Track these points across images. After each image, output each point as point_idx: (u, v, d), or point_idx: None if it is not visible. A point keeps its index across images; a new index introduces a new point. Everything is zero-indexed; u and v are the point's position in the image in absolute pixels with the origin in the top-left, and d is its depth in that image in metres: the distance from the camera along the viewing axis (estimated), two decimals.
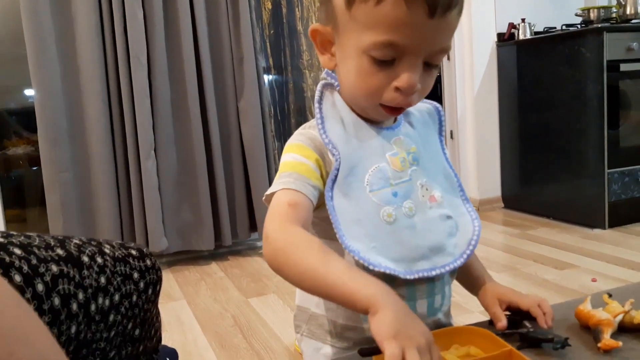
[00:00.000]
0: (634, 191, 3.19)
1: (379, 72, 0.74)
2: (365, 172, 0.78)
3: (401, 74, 0.73)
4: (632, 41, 3.07)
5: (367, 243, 0.75)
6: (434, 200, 0.81)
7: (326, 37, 0.80)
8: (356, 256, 0.73)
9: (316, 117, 0.81)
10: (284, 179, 0.76)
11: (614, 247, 2.87)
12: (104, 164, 2.87)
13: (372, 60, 0.73)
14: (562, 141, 3.34)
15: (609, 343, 0.70)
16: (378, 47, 0.71)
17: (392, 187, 0.78)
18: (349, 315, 0.81)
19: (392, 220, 0.76)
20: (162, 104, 2.95)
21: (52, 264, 0.64)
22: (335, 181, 0.77)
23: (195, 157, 3.01)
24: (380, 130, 0.82)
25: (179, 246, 3.08)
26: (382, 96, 0.76)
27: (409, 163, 0.80)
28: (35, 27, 2.71)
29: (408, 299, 0.79)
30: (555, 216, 3.48)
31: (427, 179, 0.81)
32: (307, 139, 0.81)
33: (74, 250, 0.69)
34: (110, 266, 0.71)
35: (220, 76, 3.08)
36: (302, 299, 0.89)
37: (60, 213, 2.84)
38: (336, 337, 0.84)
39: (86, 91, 2.84)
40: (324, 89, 0.84)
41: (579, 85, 3.18)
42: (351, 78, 0.78)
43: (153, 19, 2.86)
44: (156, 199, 2.93)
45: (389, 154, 0.80)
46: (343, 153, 0.77)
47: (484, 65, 3.75)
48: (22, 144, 3.56)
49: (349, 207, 0.76)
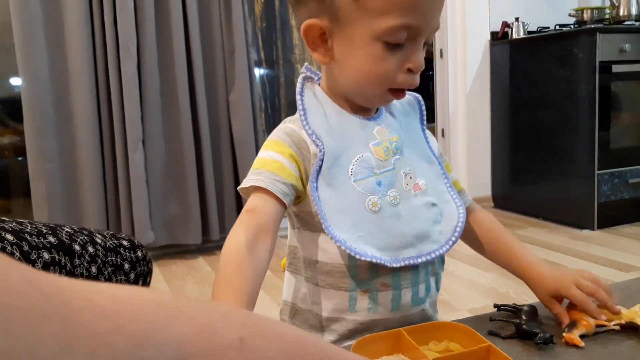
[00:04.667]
0: (624, 192, 3.20)
1: (391, 57, 0.75)
2: (349, 162, 0.79)
3: (411, 55, 0.75)
4: (625, 42, 3.08)
5: (354, 232, 0.76)
6: (418, 189, 0.81)
7: (324, 31, 0.78)
8: (342, 246, 0.74)
9: (298, 109, 0.82)
10: (256, 176, 0.76)
11: (602, 248, 2.87)
12: (90, 154, 2.83)
13: (385, 46, 0.74)
14: (553, 141, 3.35)
15: (573, 338, 0.71)
16: (394, 32, 0.73)
17: (376, 177, 0.79)
18: (334, 307, 0.81)
19: (377, 209, 0.77)
20: (151, 95, 2.91)
21: (44, 252, 0.63)
22: (319, 172, 0.78)
23: (184, 150, 2.98)
24: (362, 120, 0.83)
25: (165, 240, 3.04)
26: (395, 80, 0.77)
27: (392, 152, 0.81)
28: (24, 15, 2.66)
29: (393, 288, 0.79)
30: (545, 216, 3.48)
31: (410, 168, 0.82)
32: (284, 134, 0.81)
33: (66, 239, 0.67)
34: (102, 256, 0.69)
35: (210, 68, 3.05)
36: (288, 294, 0.90)
37: (45, 203, 2.80)
38: (321, 331, 0.84)
39: (74, 81, 2.80)
40: (305, 82, 0.85)
41: (571, 86, 3.18)
42: (359, 67, 0.77)
43: (144, 8, 2.83)
44: (143, 191, 2.89)
45: (372, 143, 0.80)
46: (327, 144, 0.78)
47: (476, 64, 3.75)
48: (7, 134, 3.51)
49: (334, 197, 0.77)
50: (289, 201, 0.77)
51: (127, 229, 2.91)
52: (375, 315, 0.80)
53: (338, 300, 0.80)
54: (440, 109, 3.86)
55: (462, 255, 2.81)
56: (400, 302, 0.80)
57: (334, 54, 0.79)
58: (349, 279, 0.79)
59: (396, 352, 0.71)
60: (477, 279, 2.48)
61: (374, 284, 0.79)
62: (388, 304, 0.79)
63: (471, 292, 2.33)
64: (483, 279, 2.47)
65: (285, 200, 0.75)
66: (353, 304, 0.80)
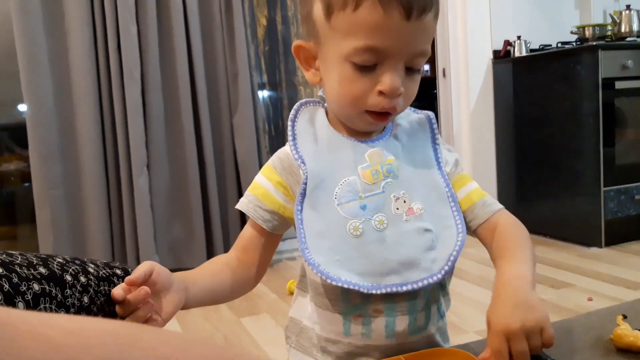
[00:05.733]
0: (630, 209, 3.18)
1: (362, 78, 0.75)
2: (335, 185, 0.79)
3: (383, 78, 0.74)
4: (627, 59, 3.08)
5: (331, 256, 0.75)
6: (412, 213, 0.78)
7: (309, 52, 0.82)
8: (314, 269, 0.74)
9: (288, 134, 0.84)
10: (245, 198, 0.86)
11: (610, 265, 2.84)
12: (95, 180, 2.84)
13: (354, 67, 0.75)
14: (558, 158, 3.34)
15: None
16: (359, 53, 0.73)
17: (360, 200, 0.78)
18: (331, 329, 0.81)
19: (359, 233, 0.76)
20: (155, 120, 2.92)
21: (34, 283, 0.62)
22: (304, 195, 0.79)
23: (189, 173, 2.99)
24: (356, 143, 0.82)
25: (170, 264, 3.03)
26: (366, 102, 0.76)
27: (382, 175, 0.79)
28: (28, 42, 2.69)
29: (386, 315, 0.78)
30: (552, 234, 3.45)
31: (405, 191, 0.79)
32: (277, 159, 0.86)
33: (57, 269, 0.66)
34: (94, 285, 0.69)
35: (214, 92, 3.07)
36: (295, 312, 0.90)
37: (50, 230, 2.80)
38: (321, 351, 0.83)
39: (78, 107, 2.82)
40: (302, 107, 0.87)
41: (575, 103, 3.18)
42: (335, 87, 0.79)
43: (147, 34, 2.85)
44: (148, 216, 2.89)
45: (360, 167, 0.80)
46: (311, 167, 0.79)
47: (479, 82, 3.75)
48: (14, 160, 3.53)
49: (317, 220, 0.78)
50: (271, 226, 0.84)
51: (132, 253, 2.91)
52: (370, 340, 0.79)
53: (333, 323, 0.80)
54: (444, 128, 3.86)
55: (468, 275, 2.79)
56: (395, 329, 0.78)
57: (322, 75, 0.81)
58: (342, 302, 0.79)
59: None
60: (484, 299, 2.46)
61: (367, 309, 0.78)
62: (382, 330, 0.78)
63: (478, 314, 2.31)
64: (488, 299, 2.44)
65: (266, 226, 0.84)
66: (347, 327, 0.79)
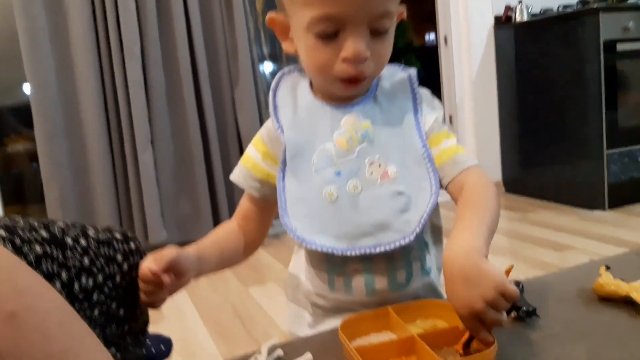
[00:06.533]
0: (634, 171, 3.18)
1: (325, 47, 0.76)
2: (312, 153, 0.81)
3: (345, 45, 0.75)
4: (629, 21, 3.05)
5: (307, 221, 0.79)
6: (387, 177, 0.80)
7: (282, 24, 0.83)
8: (291, 234, 0.79)
9: (270, 104, 0.85)
10: (237, 169, 0.91)
11: (614, 227, 2.86)
12: (101, 158, 2.88)
13: (316, 37, 0.76)
14: (561, 123, 3.33)
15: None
16: (317, 22, 0.74)
17: (335, 167, 0.80)
18: (319, 285, 0.85)
19: (334, 198, 0.79)
20: (157, 96, 2.94)
21: (36, 245, 0.65)
22: (285, 163, 0.82)
23: (192, 148, 3.02)
24: (335, 109, 0.83)
25: (178, 237, 3.08)
26: (333, 70, 0.77)
27: (357, 141, 0.80)
28: (28, 22, 2.71)
29: (365, 274, 0.81)
30: (556, 199, 3.47)
31: (380, 155, 0.80)
32: (265, 130, 0.89)
33: (58, 233, 0.69)
34: (94, 248, 0.72)
35: (214, 66, 3.08)
36: (293, 267, 0.95)
37: (59, 209, 2.85)
38: (311, 305, 0.89)
39: (81, 85, 2.84)
40: (284, 76, 0.89)
41: (577, 67, 3.16)
42: (304, 57, 0.80)
43: (145, 9, 2.86)
44: (154, 191, 2.93)
45: (336, 133, 0.81)
46: (289, 136, 0.82)
47: (481, 49, 3.73)
48: (21, 141, 3.57)
49: (296, 187, 0.81)
50: (262, 194, 0.89)
51: (139, 228, 2.96)
52: (353, 297, 0.82)
53: (321, 279, 0.84)
54: (446, 96, 3.86)
55: None
56: (374, 287, 0.81)
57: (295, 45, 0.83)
58: (325, 262, 0.83)
59: (384, 330, 0.74)
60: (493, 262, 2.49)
61: (346, 268, 0.81)
62: (362, 288, 0.81)
63: None
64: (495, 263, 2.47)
65: (258, 195, 0.89)
66: (332, 284, 0.83)
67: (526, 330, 0.72)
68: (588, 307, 0.77)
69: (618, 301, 0.76)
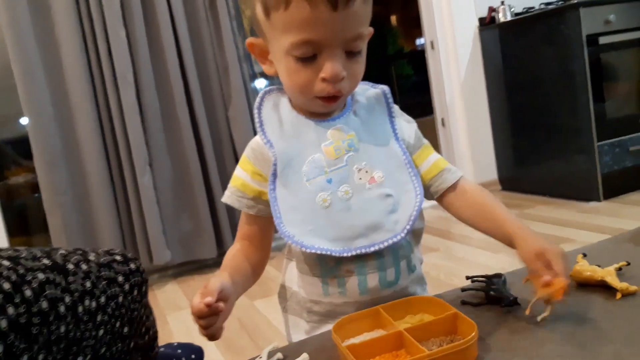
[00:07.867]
0: (626, 161, 3.22)
1: (305, 69, 0.82)
2: (301, 164, 0.86)
3: (324, 66, 0.81)
4: (609, 14, 3.09)
5: (304, 227, 0.84)
6: (374, 181, 0.86)
7: (261, 48, 0.89)
8: (290, 240, 0.83)
9: (255, 121, 0.90)
10: (228, 191, 0.93)
11: (610, 218, 2.89)
12: (101, 183, 2.92)
13: (296, 60, 0.81)
14: (551, 118, 3.37)
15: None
16: (296, 47, 0.80)
17: (326, 175, 0.85)
18: (313, 291, 0.89)
19: (327, 204, 0.84)
20: (152, 119, 2.99)
21: (39, 272, 0.68)
22: (276, 175, 0.86)
23: (190, 167, 3.06)
24: (318, 123, 0.89)
25: (182, 257, 3.12)
26: (313, 89, 0.83)
27: (344, 150, 0.86)
28: (21, 55, 2.76)
29: (358, 274, 0.86)
30: (552, 193, 3.50)
31: (366, 162, 0.87)
32: (250, 150, 0.92)
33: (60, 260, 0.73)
34: (95, 271, 0.75)
35: (207, 87, 3.13)
36: (286, 279, 0.99)
37: (63, 235, 2.88)
38: (307, 313, 0.93)
39: (77, 114, 2.89)
40: (266, 94, 0.93)
41: (562, 62, 3.21)
42: (285, 79, 0.86)
43: (136, 36, 2.91)
44: (155, 212, 2.97)
45: (323, 144, 0.87)
46: (279, 149, 0.87)
47: (468, 51, 3.78)
48: (22, 173, 3.61)
49: (288, 196, 0.86)
50: (257, 211, 0.92)
51: (143, 250, 2.99)
52: (347, 298, 0.87)
53: (314, 285, 0.89)
54: (437, 100, 3.90)
55: (472, 240, 2.85)
56: (367, 285, 0.86)
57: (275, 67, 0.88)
58: (319, 266, 0.87)
59: (376, 329, 0.78)
60: (486, 262, 2.53)
61: (340, 270, 0.86)
62: (355, 287, 0.86)
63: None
64: (493, 261, 2.51)
65: (252, 212, 0.92)
66: (326, 288, 0.88)
67: (508, 317, 0.77)
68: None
69: (594, 285, 0.81)
